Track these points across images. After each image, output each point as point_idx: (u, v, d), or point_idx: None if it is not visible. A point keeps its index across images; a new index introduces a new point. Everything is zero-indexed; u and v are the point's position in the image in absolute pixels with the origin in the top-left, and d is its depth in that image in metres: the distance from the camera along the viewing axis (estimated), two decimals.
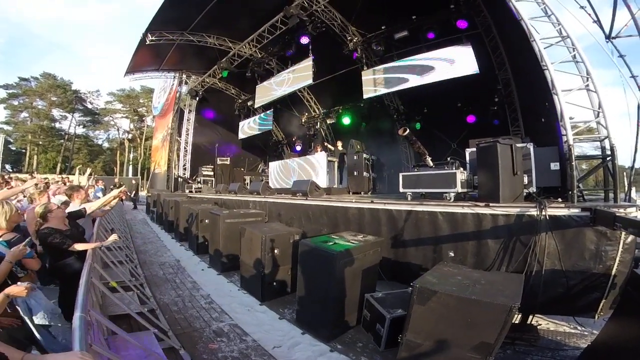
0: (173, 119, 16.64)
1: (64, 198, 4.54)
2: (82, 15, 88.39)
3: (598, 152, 4.32)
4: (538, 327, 3.92)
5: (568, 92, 4.37)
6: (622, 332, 2.54)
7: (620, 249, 3.12)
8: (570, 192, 3.87)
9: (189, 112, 16.60)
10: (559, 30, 4.70)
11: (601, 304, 3.24)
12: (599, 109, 4.22)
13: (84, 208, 4.07)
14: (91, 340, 1.76)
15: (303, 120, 16.03)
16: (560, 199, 4.16)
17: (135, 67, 15.19)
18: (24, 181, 6.05)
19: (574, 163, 3.92)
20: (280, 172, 11.43)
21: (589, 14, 5.26)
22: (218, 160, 15.57)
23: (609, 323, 2.82)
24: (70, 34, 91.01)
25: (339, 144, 10.80)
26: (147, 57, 14.56)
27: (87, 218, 4.04)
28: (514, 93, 8.64)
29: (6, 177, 8.35)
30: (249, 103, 15.93)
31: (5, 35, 72.95)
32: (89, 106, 45.55)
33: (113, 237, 3.75)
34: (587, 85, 4.38)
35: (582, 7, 5.29)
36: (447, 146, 10.20)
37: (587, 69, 4.41)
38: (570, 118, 4.31)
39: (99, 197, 6.03)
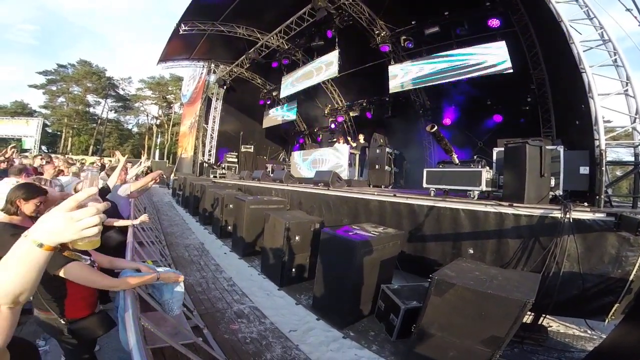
0: (201, 107, 17.12)
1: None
2: (115, 3, 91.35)
3: (633, 159, 4.21)
4: (548, 328, 3.91)
5: (605, 96, 4.26)
6: (632, 336, 2.53)
7: None
8: (597, 197, 3.80)
9: (216, 101, 17.04)
10: (601, 34, 4.56)
11: (614, 308, 3.22)
12: (636, 114, 4.09)
13: (127, 185, 4.32)
14: (139, 315, 1.81)
15: (326, 112, 16.10)
16: (586, 203, 4.09)
17: (167, 55, 15.70)
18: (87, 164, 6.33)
19: (604, 168, 3.84)
20: (302, 162, 11.60)
21: (635, 17, 5.05)
22: (242, 147, 15.97)
23: (619, 327, 2.81)
24: (102, 21, 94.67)
25: (361, 136, 10.82)
26: (179, 47, 15.02)
27: (126, 198, 4.28)
28: (548, 94, 8.34)
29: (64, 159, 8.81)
30: (274, 93, 16.18)
31: (41, 22, 76.52)
32: (121, 92, 47.34)
33: (143, 217, 3.92)
34: (626, 90, 4.26)
35: (628, 10, 5.08)
36: (473, 144, 10.02)
37: (627, 73, 4.28)
38: (609, 122, 4.20)
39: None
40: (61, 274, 1.69)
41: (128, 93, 47.83)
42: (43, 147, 35.99)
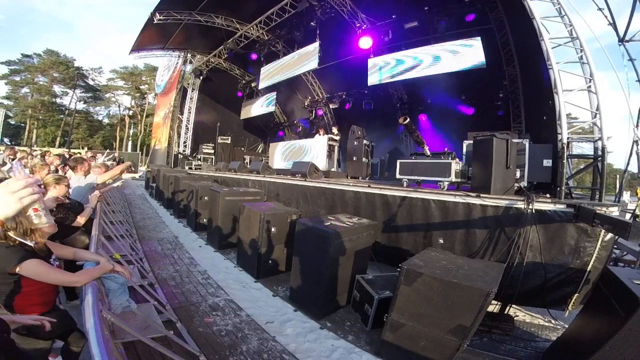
0: (176, 97, 16.63)
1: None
2: None
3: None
4: (515, 318, 4.04)
5: (569, 92, 4.42)
6: (590, 326, 2.66)
7: (598, 246, 3.25)
8: (558, 189, 3.99)
9: (192, 91, 16.57)
10: (570, 31, 4.70)
11: (573, 298, 3.39)
12: (596, 110, 4.28)
13: (92, 177, 4.15)
14: (101, 307, 1.78)
15: (306, 104, 16.04)
16: (548, 195, 4.28)
17: (140, 45, 15.05)
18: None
19: (564, 161, 4.03)
20: (280, 153, 11.51)
21: (606, 16, 5.25)
22: (219, 138, 15.65)
23: (579, 317, 2.95)
24: (72, 10, 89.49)
25: (338, 129, 10.86)
26: (153, 36, 14.41)
27: (91, 190, 4.11)
28: (520, 89, 8.65)
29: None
30: (253, 84, 15.94)
31: (6, 11, 71.42)
32: (91, 83, 45.36)
33: (95, 194, 3.77)
34: (589, 87, 4.41)
35: (600, 9, 5.28)
36: (447, 137, 10.27)
37: (591, 70, 4.43)
38: (574, 118, 4.37)
39: None
40: (18, 270, 1.65)
41: (98, 83, 45.99)
42: (5, 139, 34.10)
